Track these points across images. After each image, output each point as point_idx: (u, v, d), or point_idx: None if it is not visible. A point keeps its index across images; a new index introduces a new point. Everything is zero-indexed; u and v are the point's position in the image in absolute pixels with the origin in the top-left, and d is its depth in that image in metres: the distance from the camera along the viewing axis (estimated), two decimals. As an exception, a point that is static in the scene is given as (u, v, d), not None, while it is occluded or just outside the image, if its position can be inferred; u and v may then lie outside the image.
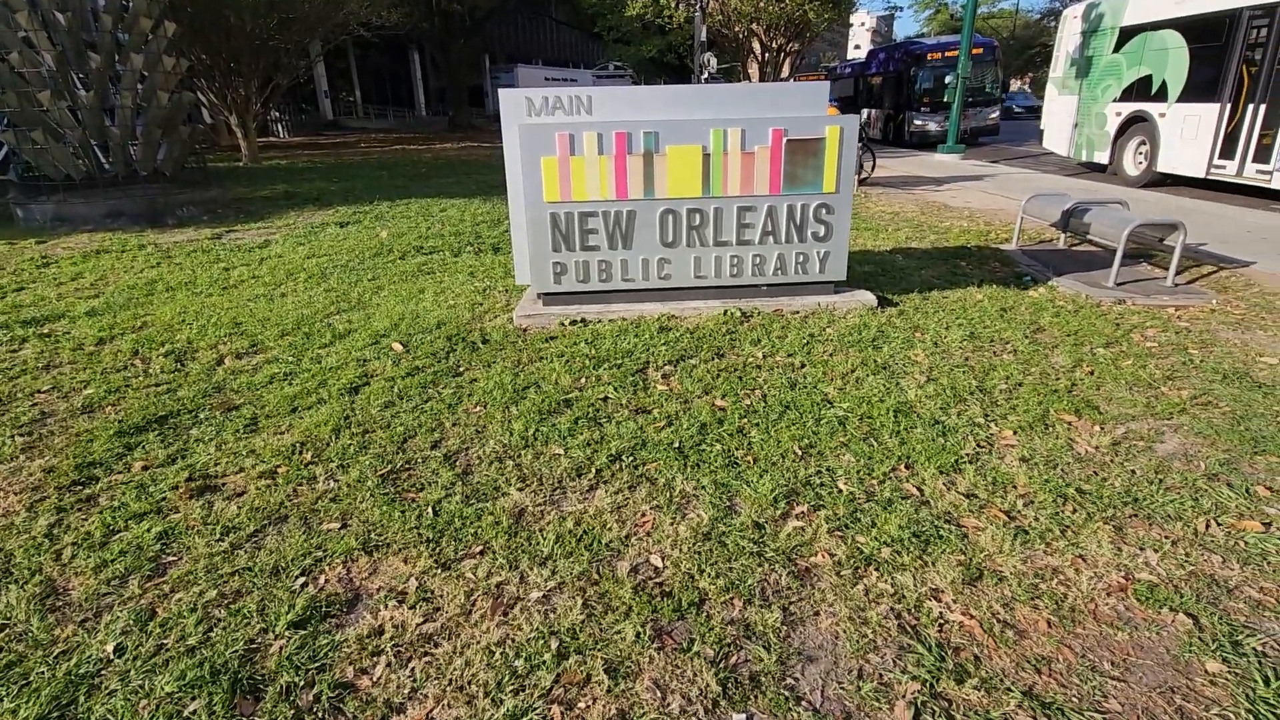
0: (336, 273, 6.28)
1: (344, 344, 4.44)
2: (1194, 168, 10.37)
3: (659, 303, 4.92)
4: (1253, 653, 1.93)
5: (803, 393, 3.59)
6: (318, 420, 3.38)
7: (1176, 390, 3.56)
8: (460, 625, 2.08)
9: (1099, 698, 1.81)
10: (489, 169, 15.20)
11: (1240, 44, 9.59)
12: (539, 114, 4.57)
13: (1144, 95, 11.31)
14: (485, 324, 4.80)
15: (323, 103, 33.65)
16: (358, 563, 2.37)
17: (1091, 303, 5.04)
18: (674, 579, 2.27)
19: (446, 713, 1.79)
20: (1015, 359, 4.01)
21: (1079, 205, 6.17)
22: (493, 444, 3.14)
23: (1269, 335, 4.38)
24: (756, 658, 1.95)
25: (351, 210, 9.73)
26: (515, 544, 2.44)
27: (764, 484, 2.75)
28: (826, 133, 4.56)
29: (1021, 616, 2.09)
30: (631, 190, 4.58)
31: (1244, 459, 2.91)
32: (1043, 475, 2.80)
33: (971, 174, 13.33)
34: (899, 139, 21.75)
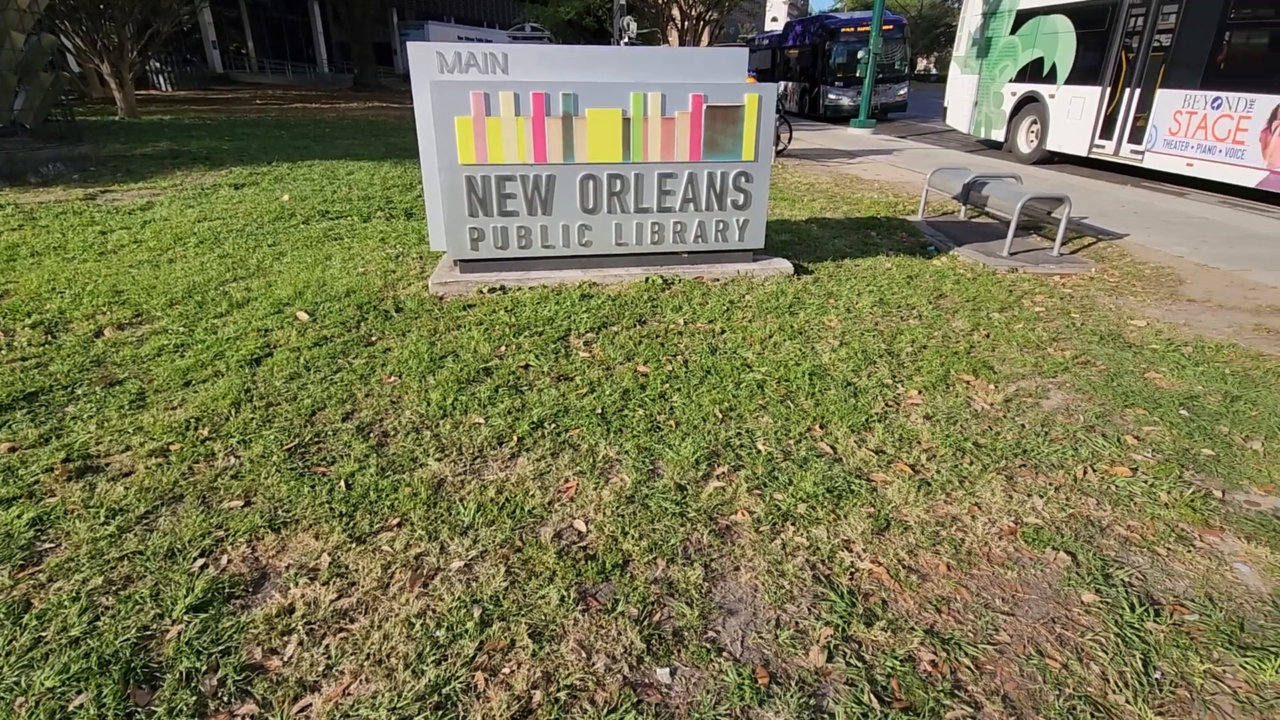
0: (232, 237, 5.84)
1: (242, 313, 4.15)
2: (1078, 147, 11.15)
3: (580, 270, 4.86)
4: (1121, 583, 2.14)
5: (723, 358, 3.65)
6: (215, 394, 3.16)
7: (1060, 351, 3.86)
8: (378, 599, 2.02)
9: (991, 631, 1.97)
10: (400, 130, 14.47)
11: (1120, 31, 10.31)
12: (451, 70, 4.36)
13: (1036, 77, 12.00)
14: (399, 292, 4.61)
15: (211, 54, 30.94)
16: (264, 541, 2.25)
17: (988, 271, 5.36)
18: (598, 542, 2.27)
19: (364, 687, 1.74)
20: (920, 324, 4.22)
21: (977, 179, 6.51)
22: (409, 414, 3.03)
23: (1138, 300, 4.80)
24: (679, 614, 2.00)
25: (247, 171, 9.05)
26: (435, 515, 2.38)
27: (686, 447, 2.80)
28: (746, 100, 4.58)
29: (924, 561, 2.23)
30: (551, 154, 4.47)
31: (1116, 411, 3.20)
32: (944, 431, 2.98)
33: (881, 148, 13.82)
34: (814, 112, 22.24)
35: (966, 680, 1.81)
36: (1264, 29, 8.48)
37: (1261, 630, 1.99)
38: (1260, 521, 2.45)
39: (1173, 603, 2.08)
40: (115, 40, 15.29)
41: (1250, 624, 2.01)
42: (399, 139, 13.01)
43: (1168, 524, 2.42)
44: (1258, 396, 3.35)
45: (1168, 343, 4.00)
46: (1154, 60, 9.82)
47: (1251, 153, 8.30)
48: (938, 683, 1.79)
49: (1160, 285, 5.14)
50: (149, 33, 16.20)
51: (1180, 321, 4.39)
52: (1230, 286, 5.11)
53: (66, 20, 14.75)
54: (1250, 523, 2.44)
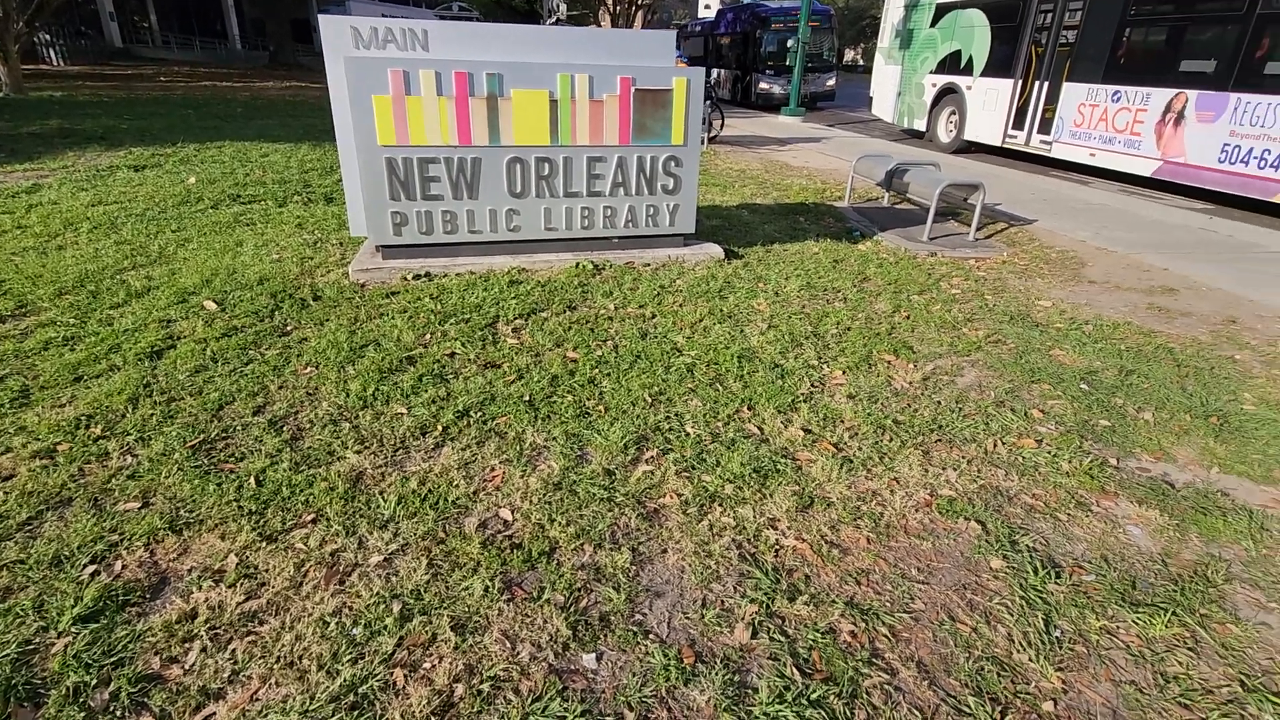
0: (130, 223, 5.44)
1: (142, 303, 3.88)
2: (992, 136, 11.67)
3: (509, 255, 4.76)
4: (1026, 549, 2.26)
5: (653, 342, 3.65)
6: (109, 390, 2.94)
7: (974, 330, 4.03)
8: (289, 599, 1.92)
9: (907, 600, 2.04)
10: (320, 112, 13.80)
11: (1030, 26, 10.81)
12: (368, 47, 4.16)
13: (955, 68, 12.47)
14: (317, 279, 4.40)
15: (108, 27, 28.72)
16: (163, 544, 2.11)
17: (909, 255, 5.55)
18: (524, 530, 2.23)
19: (274, 692, 1.65)
20: (845, 306, 4.33)
21: (899, 167, 6.72)
22: (326, 406, 2.90)
23: (1045, 282, 5.07)
24: (606, 599, 1.98)
25: (149, 152, 8.45)
26: (353, 509, 2.29)
27: (615, 432, 2.78)
28: (674, 84, 4.56)
29: (846, 536, 2.29)
30: (476, 136, 4.34)
31: (1024, 387, 3.37)
32: (866, 410, 3.07)
33: (811, 136, 14.10)
34: (746, 100, 22.46)
35: (884, 648, 1.86)
36: (1160, 26, 9.05)
37: (1151, 588, 2.13)
38: (1150, 486, 2.62)
39: (1072, 565, 2.20)
40: (-4, 8, 13.97)
41: (1141, 582, 2.15)
42: (319, 120, 12.42)
43: (1068, 491, 2.57)
44: (1149, 370, 3.59)
45: (1070, 321, 4.23)
46: (1061, 55, 10.34)
47: (1147, 144, 8.87)
48: (857, 652, 1.84)
49: (1065, 268, 5.44)
50: (36, 2, 14.86)
51: (1082, 302, 4.66)
52: (1127, 269, 5.46)
53: (-65, -17, 13.38)
54: (1141, 488, 2.61)
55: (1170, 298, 4.80)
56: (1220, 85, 7.93)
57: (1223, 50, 7.98)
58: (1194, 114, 8.24)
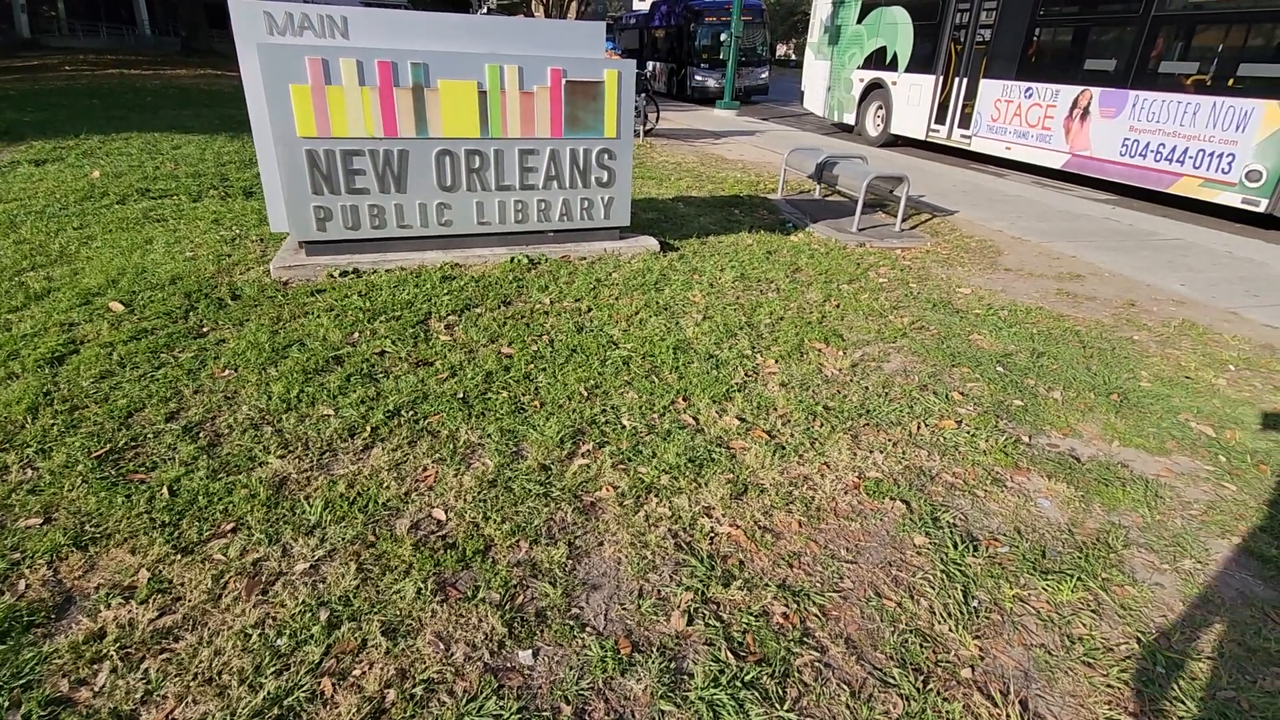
0: (30, 221, 5.07)
1: (41, 306, 3.62)
2: (916, 130, 12.12)
3: (441, 250, 4.66)
4: (947, 525, 2.37)
5: (589, 336, 3.64)
6: (6, 399, 2.73)
7: (900, 318, 4.19)
8: (207, 613, 1.84)
9: (837, 579, 2.11)
10: (237, 101, 13.10)
11: (949, 24, 11.25)
12: (283, 33, 3.98)
13: (881, 64, 12.87)
14: (235, 277, 4.20)
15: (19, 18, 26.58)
16: (67, 561, 1.98)
17: (839, 245, 5.71)
18: (458, 530, 2.20)
19: (191, 710, 1.58)
20: (778, 296, 4.42)
21: (829, 159, 6.90)
22: (246, 410, 2.78)
23: (965, 271, 5.31)
24: (543, 594, 1.98)
25: (51, 145, 7.87)
26: (276, 516, 2.20)
27: (550, 427, 2.77)
28: (605, 76, 4.55)
29: (778, 521, 2.35)
30: (402, 128, 4.22)
31: (945, 371, 3.52)
32: (798, 397, 3.15)
33: (745, 129, 14.30)
34: (682, 92, 22.60)
35: (814, 628, 1.93)
36: (1066, 26, 9.57)
37: (1060, 556, 2.27)
38: (1059, 461, 2.79)
39: (988, 538, 2.33)
40: None
41: (1050, 551, 2.29)
42: (236, 110, 11.82)
43: (985, 469, 2.70)
44: (1058, 352, 3.81)
45: (988, 308, 4.45)
46: (978, 52, 10.82)
47: (1057, 138, 9.39)
48: (789, 633, 1.89)
49: (983, 256, 5.71)
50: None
51: (998, 288, 4.90)
52: (1039, 256, 5.77)
53: None
54: (1051, 463, 2.77)
55: (1077, 283, 5.10)
56: (1120, 83, 8.45)
57: (1122, 50, 8.50)
58: (1098, 110, 8.76)
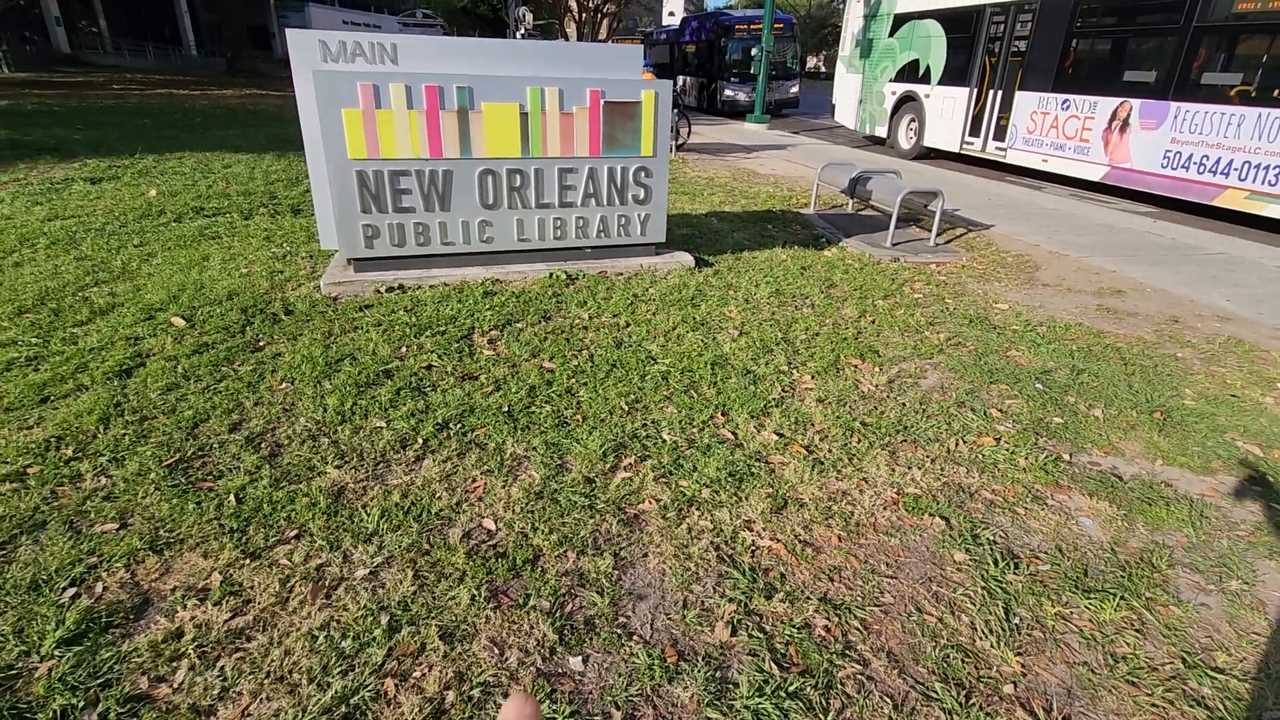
0: (91, 238, 5.34)
1: (107, 321, 3.82)
2: (950, 143, 12.04)
3: (482, 266, 4.79)
4: (987, 542, 2.38)
5: (628, 351, 3.72)
6: (79, 410, 2.90)
7: (936, 334, 4.19)
8: (276, 615, 1.94)
9: (877, 594, 2.14)
10: (282, 121, 13.61)
11: (984, 36, 11.19)
12: (336, 61, 4.17)
13: (913, 77, 12.83)
14: (288, 293, 4.37)
15: (55, 32, 27.88)
16: (144, 564, 2.11)
17: (873, 260, 5.72)
18: (508, 539, 2.28)
19: (265, 706, 1.68)
20: (813, 312, 4.46)
21: (863, 174, 6.91)
22: (304, 421, 2.91)
23: (1002, 285, 5.28)
24: (590, 603, 2.04)
25: (105, 164, 8.26)
26: (336, 524, 2.31)
27: (593, 440, 2.84)
28: (643, 96, 4.65)
29: (818, 535, 2.39)
30: (446, 149, 4.37)
31: (983, 388, 3.52)
32: (835, 413, 3.18)
33: (776, 143, 14.35)
34: (712, 107, 22.74)
35: (856, 640, 1.96)
36: (1105, 37, 9.46)
37: (1102, 575, 2.27)
38: (1101, 479, 2.78)
39: (1029, 556, 2.33)
40: (-65, 14, 13.48)
41: (1093, 570, 2.29)
42: (282, 129, 12.25)
43: (1025, 486, 2.71)
44: (1099, 369, 3.78)
45: (1026, 324, 4.43)
46: (1013, 64, 10.74)
47: (1096, 150, 9.26)
48: (831, 645, 1.93)
49: (1020, 271, 5.67)
50: (-22, 6, 14.39)
51: (1036, 304, 4.87)
52: (1078, 271, 5.71)
53: None
54: (1093, 481, 2.77)
55: (1118, 299, 5.04)
56: (1161, 94, 8.33)
57: (1162, 61, 8.38)
58: (1138, 122, 8.63)
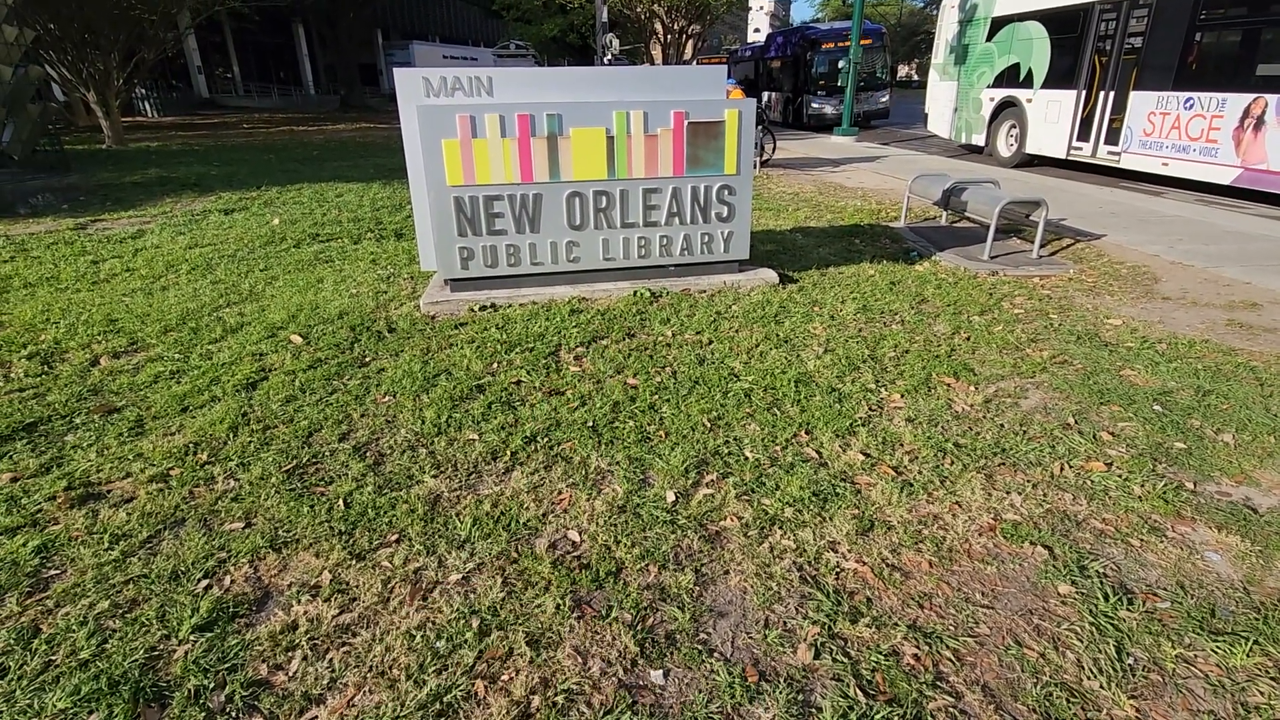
0: (223, 263, 5.91)
1: (236, 338, 4.21)
2: (1056, 149, 11.36)
3: (569, 285, 4.95)
4: (1096, 575, 2.22)
5: (710, 368, 3.73)
6: (212, 419, 3.21)
7: (1038, 351, 3.96)
8: (378, 613, 2.08)
9: (972, 624, 2.04)
10: (387, 151, 14.58)
11: (1092, 35, 10.54)
12: (438, 95, 4.45)
13: (1013, 82, 12.23)
14: (391, 312, 4.68)
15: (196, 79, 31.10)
16: (265, 561, 2.31)
17: (969, 274, 5.48)
18: (591, 551, 2.34)
19: (368, 698, 1.80)
20: (903, 329, 4.32)
21: (957, 185, 6.65)
22: (404, 433, 3.10)
23: (1115, 300, 4.92)
24: (671, 618, 2.06)
25: (237, 196, 9.12)
26: (432, 530, 2.45)
27: (675, 456, 2.87)
28: (726, 116, 4.69)
29: (907, 560, 2.31)
30: (537, 173, 4.57)
31: (1092, 409, 3.29)
32: (925, 433, 3.07)
33: (864, 155, 14.01)
34: (798, 121, 22.49)
35: (948, 672, 1.88)
36: (1233, 29, 8.69)
37: (1232, 616, 2.07)
38: (1231, 511, 2.54)
39: (1145, 591, 2.16)
40: (101, 69, 15.39)
41: (1221, 610, 2.09)
42: (387, 159, 13.12)
43: (1141, 516, 2.51)
44: (1229, 390, 3.45)
45: (1142, 340, 4.10)
46: (1126, 63, 10.03)
47: (1225, 151, 8.49)
48: (920, 675, 1.86)
49: (1136, 284, 5.26)
50: (134, 60, 16.31)
51: (1155, 319, 4.51)
52: (1204, 283, 5.24)
53: (52, 50, 14.85)
54: (1221, 512, 2.53)
55: (1253, 313, 4.59)
56: (1303, 88, 7.54)
57: (1304, 51, 7.60)
58: (1275, 119, 7.85)
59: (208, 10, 19.64)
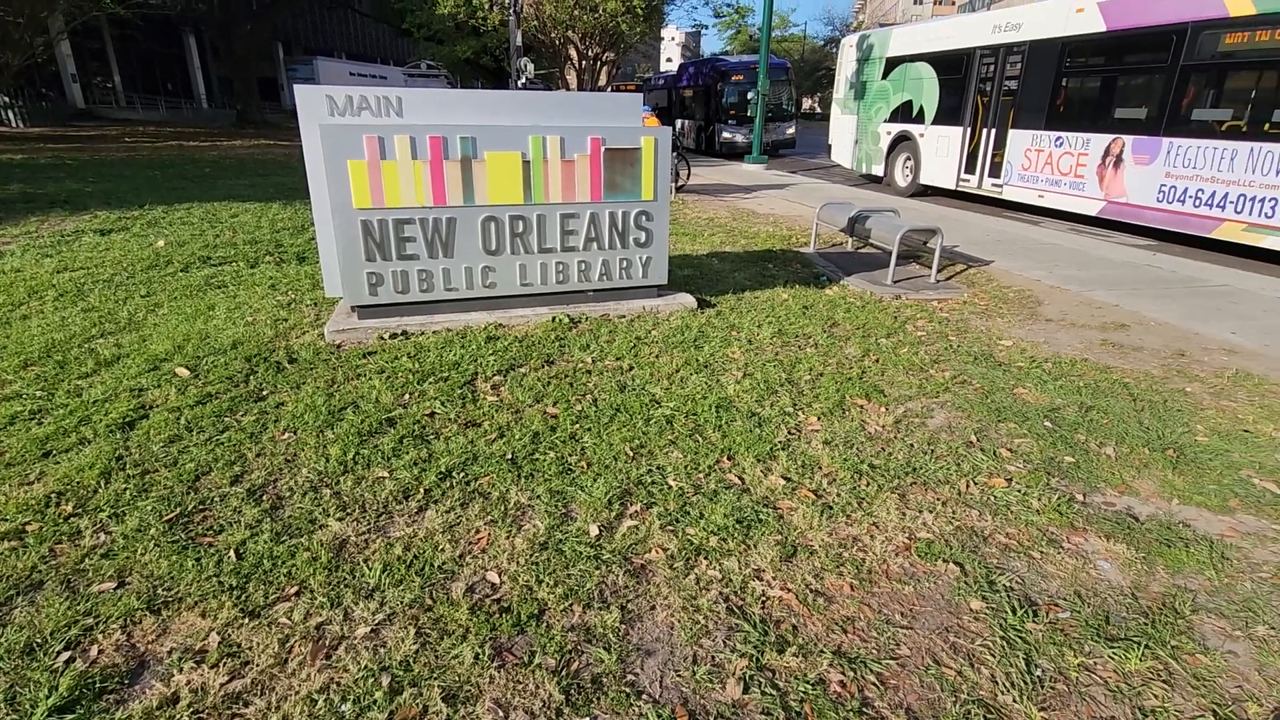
0: (98, 289, 5.39)
1: (112, 372, 3.82)
2: (947, 181, 12.21)
3: (485, 311, 4.81)
4: (1003, 589, 2.32)
5: (632, 395, 3.70)
6: (80, 464, 2.88)
7: (941, 372, 4.17)
8: (275, 677, 1.88)
9: (893, 646, 2.07)
10: (289, 170, 13.88)
11: (975, 77, 11.45)
12: (343, 114, 4.26)
13: (907, 117, 13.09)
14: (292, 341, 4.39)
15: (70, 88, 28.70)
16: (141, 625, 2.06)
17: (875, 298, 5.74)
18: (512, 593, 2.23)
19: (262, 777, 1.61)
20: (816, 352, 4.45)
21: (861, 213, 6.99)
22: (306, 473, 2.88)
23: (1005, 322, 5.28)
24: (598, 660, 1.98)
25: (115, 216, 8.40)
26: (337, 579, 2.26)
27: (598, 487, 2.80)
28: (642, 143, 4.74)
29: (830, 584, 2.33)
30: (450, 196, 4.44)
31: (991, 427, 3.48)
32: (842, 455, 3.14)
33: (775, 183, 14.57)
34: (710, 149, 23.18)
35: (873, 697, 1.89)
36: (1094, 75, 9.66)
37: (1125, 622, 2.20)
38: (1116, 520, 2.72)
39: (1048, 603, 2.27)
40: (-45, 73, 13.91)
41: (1115, 617, 2.22)
42: (288, 178, 12.48)
43: (1040, 529, 2.65)
44: (1108, 405, 3.74)
45: (1031, 360, 4.41)
46: (1005, 103, 10.96)
47: (1091, 185, 9.37)
48: (847, 702, 1.86)
49: (1022, 307, 5.67)
50: (-3, 66, 14.86)
51: (1040, 340, 4.86)
52: (1080, 306, 5.71)
53: (-106, 51, 13.31)
54: (1108, 522, 2.71)
55: (1122, 333, 5.03)
56: (1153, 130, 8.46)
57: (1152, 98, 8.54)
58: (1131, 157, 8.75)
59: (83, 15, 18.19)
